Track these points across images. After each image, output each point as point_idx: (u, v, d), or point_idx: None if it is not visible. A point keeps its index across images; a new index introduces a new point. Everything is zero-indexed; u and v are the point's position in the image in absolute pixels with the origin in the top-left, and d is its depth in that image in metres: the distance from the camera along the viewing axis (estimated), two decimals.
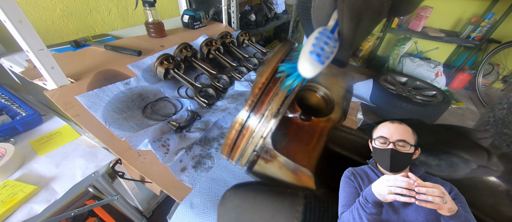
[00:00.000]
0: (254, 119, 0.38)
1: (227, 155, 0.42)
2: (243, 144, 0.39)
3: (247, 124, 0.38)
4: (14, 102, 0.76)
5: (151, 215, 1.27)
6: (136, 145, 0.64)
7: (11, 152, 0.59)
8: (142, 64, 0.93)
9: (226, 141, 0.41)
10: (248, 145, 0.39)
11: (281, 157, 0.41)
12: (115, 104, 0.74)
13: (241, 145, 0.40)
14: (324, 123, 0.46)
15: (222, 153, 0.43)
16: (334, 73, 0.52)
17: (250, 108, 0.38)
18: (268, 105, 0.37)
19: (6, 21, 0.55)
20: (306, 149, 0.43)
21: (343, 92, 0.51)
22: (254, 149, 0.40)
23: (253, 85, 0.39)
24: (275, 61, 0.40)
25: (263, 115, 0.37)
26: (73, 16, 1.03)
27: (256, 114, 0.38)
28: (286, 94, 0.37)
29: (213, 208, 0.55)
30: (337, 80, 0.51)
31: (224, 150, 0.42)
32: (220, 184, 0.61)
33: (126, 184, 1.04)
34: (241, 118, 0.39)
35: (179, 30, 1.31)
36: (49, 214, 0.55)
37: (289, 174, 0.42)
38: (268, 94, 0.37)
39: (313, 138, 0.44)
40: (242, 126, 0.39)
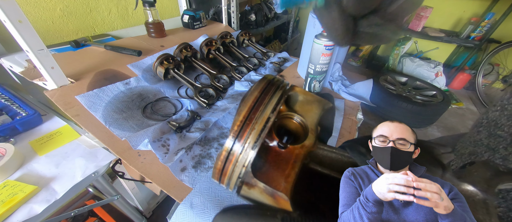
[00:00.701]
0: (238, 145, 0.44)
1: (217, 180, 0.48)
2: (230, 170, 0.44)
3: (233, 150, 0.44)
4: (14, 102, 0.76)
5: (151, 215, 1.27)
6: (136, 145, 0.64)
7: (11, 152, 0.59)
8: (142, 64, 0.93)
9: (215, 168, 0.46)
10: (234, 171, 0.44)
11: (260, 184, 0.45)
12: (115, 104, 0.74)
13: (228, 171, 0.45)
14: (298, 149, 0.51)
15: (213, 178, 0.48)
16: (309, 100, 0.59)
17: (234, 137, 0.44)
18: (247, 139, 0.43)
19: (6, 21, 0.55)
20: (282, 175, 0.47)
21: (317, 116, 0.57)
22: (239, 176, 0.45)
23: (233, 123, 0.45)
24: (251, 100, 0.46)
25: (243, 146, 0.43)
26: (73, 16, 1.03)
27: (239, 142, 0.43)
28: (262, 126, 0.44)
29: (213, 208, 0.55)
30: (312, 107, 0.57)
31: (214, 175, 0.48)
32: (220, 184, 0.61)
33: (126, 184, 1.04)
34: (227, 146, 0.44)
35: (179, 30, 1.31)
36: (49, 214, 0.55)
37: (268, 198, 0.47)
38: (245, 130, 0.44)
39: (288, 164, 0.49)
40: (228, 153, 0.44)
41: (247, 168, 0.43)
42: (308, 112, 0.57)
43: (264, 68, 1.18)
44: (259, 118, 0.44)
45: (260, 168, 0.46)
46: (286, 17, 2.37)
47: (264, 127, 0.44)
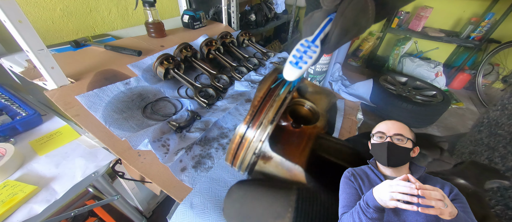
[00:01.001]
0: (251, 130, 0.47)
1: (230, 162, 0.50)
2: (243, 152, 0.48)
3: (246, 135, 0.47)
4: (14, 102, 0.76)
5: (151, 215, 1.27)
6: (136, 145, 0.64)
7: (11, 152, 0.59)
8: (142, 64, 0.93)
9: (229, 151, 0.49)
10: (248, 151, 0.48)
11: (277, 157, 0.49)
12: (115, 104, 0.74)
13: (241, 154, 0.48)
14: (311, 129, 0.57)
15: (226, 161, 0.51)
16: (318, 91, 0.66)
17: (250, 119, 0.47)
18: (266, 114, 0.46)
19: (6, 21, 0.55)
20: (297, 150, 0.51)
21: (326, 105, 0.63)
22: (254, 152, 0.47)
23: (253, 99, 0.48)
24: (270, 79, 0.50)
25: (261, 122, 0.46)
26: (73, 16, 1.03)
27: (255, 125, 0.46)
28: (280, 103, 0.47)
29: (213, 208, 0.55)
30: (321, 97, 0.65)
31: (227, 158, 0.50)
32: (220, 184, 0.61)
33: (126, 184, 1.04)
34: (240, 131, 0.47)
35: (179, 30, 1.31)
36: (49, 214, 0.55)
37: (284, 171, 0.50)
38: (265, 105, 0.47)
39: (302, 141, 0.53)
40: (242, 137, 0.47)
41: (265, 142, 0.46)
42: (318, 100, 0.64)
43: (264, 68, 1.18)
44: (277, 96, 0.47)
45: (275, 144, 0.49)
46: (286, 17, 2.37)
47: (282, 104, 0.47)
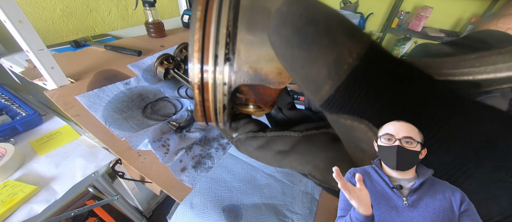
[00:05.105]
0: (209, 64, 0.24)
1: (203, 119, 0.28)
2: (211, 95, 0.25)
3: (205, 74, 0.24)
4: (14, 102, 0.76)
5: (151, 215, 1.27)
6: (136, 145, 0.64)
7: (11, 152, 0.59)
8: (142, 64, 0.93)
9: (195, 107, 0.26)
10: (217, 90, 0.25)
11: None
12: (115, 104, 0.74)
13: (209, 98, 0.24)
14: None
15: (198, 121, 0.28)
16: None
17: (200, 47, 0.21)
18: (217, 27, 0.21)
19: (6, 21, 0.55)
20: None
21: None
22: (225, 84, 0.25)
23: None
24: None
25: (216, 40, 0.23)
26: (73, 16, 1.03)
27: (208, 49, 0.23)
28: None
29: (213, 208, 0.55)
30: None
31: (197, 116, 0.28)
32: (220, 184, 0.61)
33: (126, 184, 1.04)
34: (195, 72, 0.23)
35: (179, 30, 1.31)
36: (49, 214, 0.55)
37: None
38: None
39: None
40: (200, 79, 0.24)
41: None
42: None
43: None
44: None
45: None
46: None
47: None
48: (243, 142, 0.32)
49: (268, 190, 0.58)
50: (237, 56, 0.23)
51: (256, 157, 0.30)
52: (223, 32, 0.23)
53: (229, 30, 0.23)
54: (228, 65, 0.24)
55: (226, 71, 0.24)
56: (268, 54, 0.23)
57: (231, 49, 0.23)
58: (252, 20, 0.23)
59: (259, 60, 0.24)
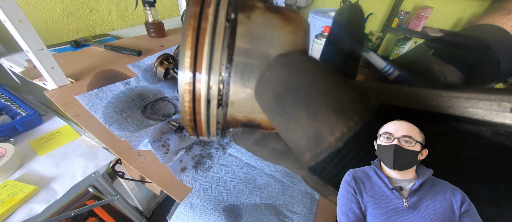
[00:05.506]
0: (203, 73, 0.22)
1: (193, 133, 0.27)
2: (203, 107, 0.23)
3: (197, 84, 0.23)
4: (14, 102, 0.76)
5: (151, 215, 1.27)
6: (136, 145, 0.64)
7: (11, 152, 0.59)
8: (142, 64, 0.93)
9: (183, 118, 0.25)
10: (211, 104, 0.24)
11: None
12: (115, 104, 0.74)
13: (201, 110, 0.24)
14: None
15: (190, 135, 0.28)
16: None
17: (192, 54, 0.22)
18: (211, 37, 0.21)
19: (6, 21, 0.55)
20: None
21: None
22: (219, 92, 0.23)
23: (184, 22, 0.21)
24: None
25: (212, 47, 0.21)
26: (73, 16, 1.03)
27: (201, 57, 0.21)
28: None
29: (213, 208, 0.55)
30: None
31: (187, 129, 0.27)
32: (220, 184, 0.61)
33: (126, 184, 1.04)
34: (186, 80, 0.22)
35: (179, 30, 1.31)
36: (49, 214, 0.55)
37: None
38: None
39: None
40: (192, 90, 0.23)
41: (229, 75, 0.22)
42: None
43: None
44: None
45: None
46: None
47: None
48: (239, 135, 0.32)
49: (268, 190, 0.58)
50: (230, 107, 0.22)
51: (252, 151, 0.30)
52: (215, 79, 0.21)
53: (222, 77, 0.20)
54: (220, 109, 0.23)
55: (219, 114, 0.23)
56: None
57: (224, 101, 0.22)
58: (247, 70, 0.20)
59: (253, 111, 0.24)
